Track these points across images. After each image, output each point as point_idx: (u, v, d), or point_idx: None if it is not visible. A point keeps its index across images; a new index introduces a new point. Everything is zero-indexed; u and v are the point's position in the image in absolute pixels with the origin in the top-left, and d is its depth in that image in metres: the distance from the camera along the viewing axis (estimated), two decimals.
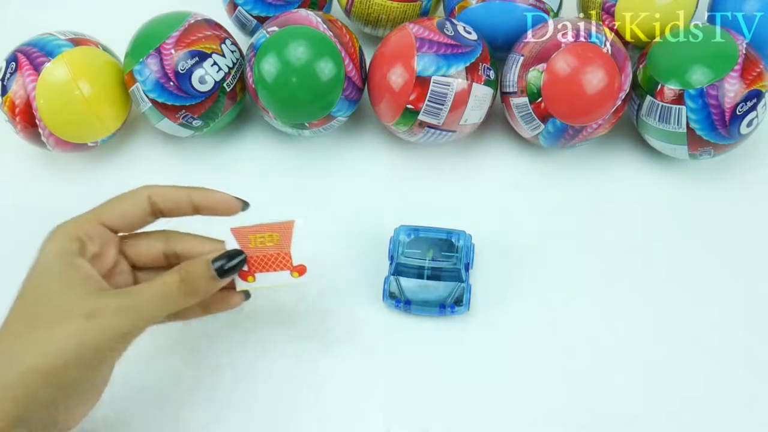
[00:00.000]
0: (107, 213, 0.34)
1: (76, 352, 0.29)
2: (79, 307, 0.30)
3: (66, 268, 0.31)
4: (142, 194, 0.34)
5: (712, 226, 0.44)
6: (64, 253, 0.31)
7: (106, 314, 0.30)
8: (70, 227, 0.32)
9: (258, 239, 0.35)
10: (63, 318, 0.30)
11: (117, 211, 0.34)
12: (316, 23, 0.43)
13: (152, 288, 0.32)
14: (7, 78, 0.43)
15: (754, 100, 0.41)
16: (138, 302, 0.31)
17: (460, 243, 0.40)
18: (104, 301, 0.30)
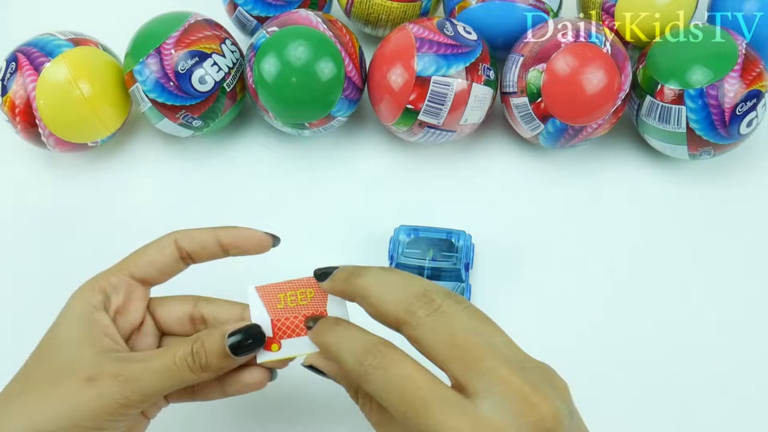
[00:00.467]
0: (135, 262, 0.32)
1: (71, 418, 0.27)
2: (82, 369, 0.28)
3: (84, 323, 0.30)
4: (168, 239, 0.32)
5: (712, 226, 0.44)
6: (85, 305, 0.30)
7: (104, 381, 0.28)
8: (97, 279, 0.31)
9: (289, 297, 0.30)
10: (63, 379, 0.28)
11: (144, 260, 0.32)
12: (316, 23, 0.43)
13: (159, 358, 0.29)
14: (7, 78, 0.43)
15: (753, 100, 0.41)
16: (140, 372, 0.28)
17: (460, 243, 0.40)
18: (106, 366, 0.28)
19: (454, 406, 0.23)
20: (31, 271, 0.44)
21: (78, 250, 0.44)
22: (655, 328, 0.40)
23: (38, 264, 0.44)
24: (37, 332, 0.41)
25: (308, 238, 0.43)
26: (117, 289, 0.31)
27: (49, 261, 0.44)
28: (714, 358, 0.39)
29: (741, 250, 0.43)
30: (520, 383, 0.23)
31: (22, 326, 0.41)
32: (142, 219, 0.45)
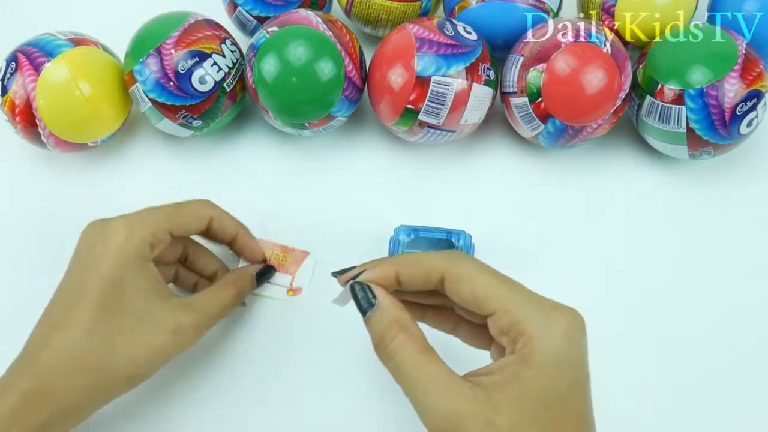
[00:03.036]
0: (175, 223, 0.36)
1: (158, 362, 0.33)
2: (166, 322, 0.33)
3: (144, 272, 0.34)
4: (206, 214, 0.38)
5: (712, 226, 0.44)
6: (140, 255, 0.34)
7: (187, 331, 0.34)
8: (146, 230, 0.34)
9: (273, 255, 0.42)
10: (152, 332, 0.33)
11: (183, 224, 0.36)
12: (316, 23, 0.43)
13: (216, 302, 0.36)
14: (7, 78, 0.43)
15: (753, 100, 0.41)
16: (208, 317, 0.36)
17: (460, 243, 0.40)
18: (185, 318, 0.34)
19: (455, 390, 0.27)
20: (31, 270, 0.44)
21: None
22: (655, 328, 0.40)
23: (38, 264, 0.44)
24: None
25: (308, 238, 0.43)
26: (160, 242, 0.35)
27: (49, 261, 0.44)
28: (714, 358, 0.39)
29: (741, 250, 0.43)
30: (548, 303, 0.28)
31: (22, 326, 0.41)
32: None
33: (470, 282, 0.28)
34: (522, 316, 0.27)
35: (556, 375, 0.26)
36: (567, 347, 0.27)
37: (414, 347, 0.28)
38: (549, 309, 0.28)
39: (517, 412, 0.26)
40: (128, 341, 0.32)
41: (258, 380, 0.39)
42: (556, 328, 0.27)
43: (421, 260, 0.29)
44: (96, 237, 0.34)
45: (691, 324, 0.40)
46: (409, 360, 0.27)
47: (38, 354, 0.32)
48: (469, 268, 0.29)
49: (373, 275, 0.30)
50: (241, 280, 0.39)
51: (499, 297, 0.28)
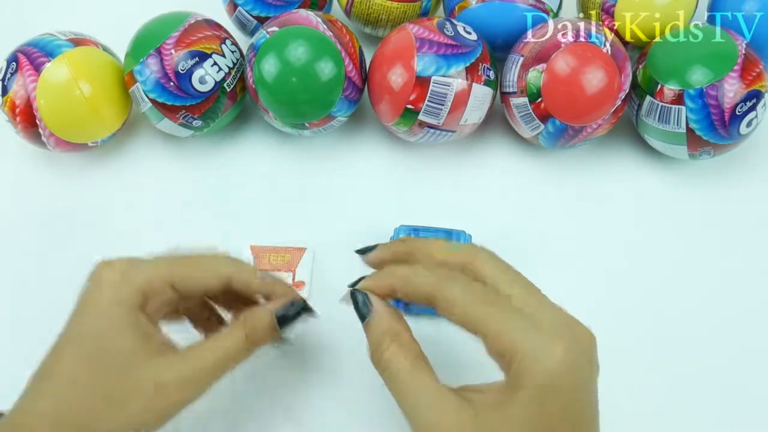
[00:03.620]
0: (182, 279, 0.31)
1: (144, 423, 0.30)
2: (147, 383, 0.29)
3: (130, 329, 0.30)
4: (222, 272, 0.32)
5: (712, 226, 0.44)
6: (129, 309, 0.30)
7: (173, 389, 0.30)
8: (140, 280, 0.30)
9: (271, 258, 0.42)
10: (132, 394, 0.29)
11: (192, 280, 0.32)
12: (316, 23, 0.43)
13: (217, 351, 0.31)
14: (7, 78, 0.43)
15: (753, 100, 0.41)
16: (202, 370, 0.30)
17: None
18: (171, 371, 0.30)
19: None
20: (31, 270, 0.44)
21: (78, 250, 0.44)
22: (655, 328, 0.40)
23: (38, 264, 0.44)
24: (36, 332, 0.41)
25: (308, 238, 0.43)
26: (156, 293, 0.31)
27: (49, 261, 0.44)
28: (713, 358, 0.39)
29: (741, 249, 0.43)
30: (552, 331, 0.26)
31: (22, 326, 0.41)
32: (142, 219, 0.45)
33: (462, 306, 0.27)
34: (513, 342, 0.26)
35: (546, 404, 0.26)
36: (561, 375, 0.26)
37: (405, 358, 0.28)
38: (546, 333, 0.26)
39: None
40: (109, 403, 0.29)
41: (261, 379, 0.39)
42: (551, 354, 0.26)
43: (412, 280, 0.29)
44: (93, 282, 0.31)
45: (691, 324, 0.40)
46: (400, 371, 0.28)
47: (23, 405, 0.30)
48: (460, 290, 0.28)
49: (371, 283, 0.30)
50: (254, 319, 0.32)
51: (491, 322, 0.27)
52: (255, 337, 0.31)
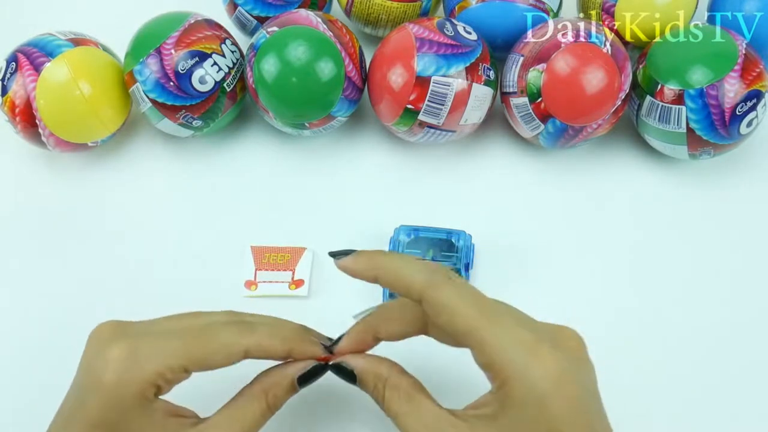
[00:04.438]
0: (196, 359, 0.29)
1: None
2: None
3: (146, 413, 0.28)
4: (240, 347, 0.29)
5: (712, 226, 0.44)
6: (140, 397, 0.27)
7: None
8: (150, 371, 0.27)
9: (271, 257, 0.42)
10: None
11: (205, 360, 0.29)
12: (316, 23, 0.43)
13: (239, 425, 0.29)
14: (7, 78, 0.43)
15: (753, 100, 0.41)
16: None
17: (460, 243, 0.40)
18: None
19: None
20: (31, 271, 0.44)
21: (78, 250, 0.44)
22: (655, 328, 0.40)
23: (38, 264, 0.44)
24: (37, 332, 0.41)
25: (308, 238, 0.43)
26: (170, 382, 0.28)
27: (49, 261, 0.44)
28: (714, 358, 0.39)
29: (741, 249, 0.43)
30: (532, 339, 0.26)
31: (22, 326, 0.41)
32: (142, 219, 0.45)
33: (449, 314, 0.27)
34: (500, 357, 0.26)
35: (540, 416, 0.25)
36: (551, 390, 0.25)
37: (399, 398, 0.29)
38: (534, 347, 0.26)
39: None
40: None
41: None
42: (539, 369, 0.25)
43: (400, 276, 0.28)
44: (95, 356, 0.28)
45: (691, 324, 0.40)
46: (397, 412, 0.28)
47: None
48: (449, 295, 0.27)
49: (346, 344, 0.31)
50: (274, 386, 0.30)
51: (478, 333, 0.26)
52: (275, 405, 0.31)
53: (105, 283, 0.43)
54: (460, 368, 0.32)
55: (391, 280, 0.29)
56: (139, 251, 0.44)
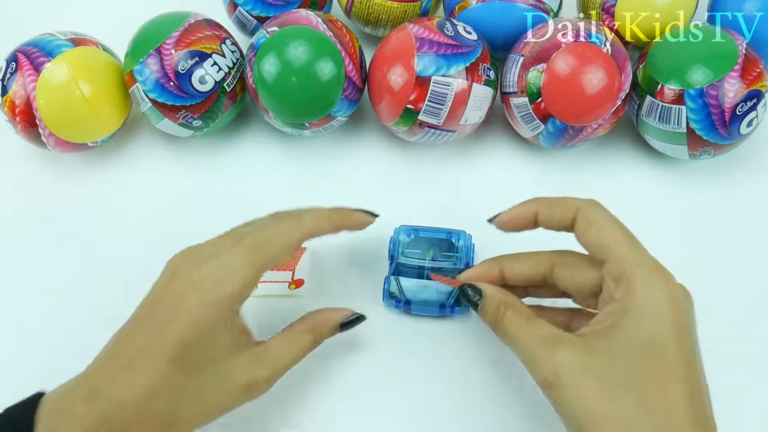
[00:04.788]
0: (264, 266, 0.32)
1: (228, 411, 0.32)
2: (240, 380, 0.32)
3: (223, 331, 0.31)
4: (297, 240, 0.34)
5: (712, 226, 0.44)
6: (223, 315, 0.31)
7: (260, 386, 0.32)
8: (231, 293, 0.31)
9: None
10: (225, 388, 0.31)
11: (272, 264, 0.33)
12: (316, 23, 0.43)
13: (291, 353, 0.34)
14: (7, 78, 0.43)
15: (754, 100, 0.41)
16: (281, 368, 0.33)
17: (460, 243, 0.40)
18: (259, 373, 0.32)
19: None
20: (31, 271, 0.44)
21: (78, 250, 0.44)
22: None
23: (38, 264, 0.44)
24: (37, 332, 0.41)
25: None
26: (247, 294, 0.32)
27: (49, 261, 0.44)
28: (714, 358, 0.39)
29: (741, 249, 0.43)
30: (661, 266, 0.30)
31: (22, 326, 0.41)
32: (142, 219, 0.45)
33: (598, 229, 0.31)
34: (632, 269, 0.29)
35: (656, 327, 0.28)
36: (670, 307, 0.28)
37: (519, 318, 0.32)
38: (662, 271, 0.29)
39: (612, 357, 0.28)
40: (196, 400, 0.30)
41: None
42: (663, 287, 0.29)
43: (559, 200, 0.33)
44: (173, 284, 0.31)
45: None
46: (516, 329, 0.31)
47: (102, 392, 0.29)
48: (599, 215, 0.31)
49: (475, 273, 0.35)
50: (321, 326, 0.36)
51: (618, 248, 0.30)
52: (319, 341, 0.36)
53: (105, 282, 0.43)
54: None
55: (548, 205, 0.33)
56: (139, 251, 0.44)
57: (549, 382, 0.29)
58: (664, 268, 0.30)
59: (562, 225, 0.33)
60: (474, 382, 0.39)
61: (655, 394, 0.27)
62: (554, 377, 0.28)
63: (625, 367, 0.27)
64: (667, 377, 0.27)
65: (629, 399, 0.27)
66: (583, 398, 0.27)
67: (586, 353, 0.28)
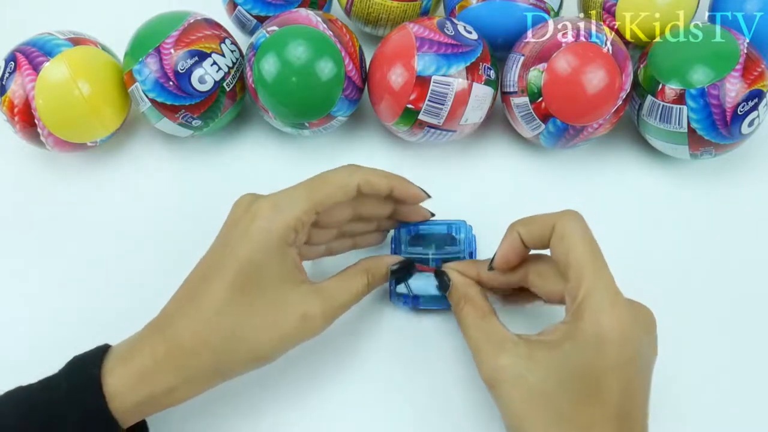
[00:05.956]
0: (323, 203, 0.35)
1: (284, 346, 0.34)
2: (295, 308, 0.33)
3: (281, 258, 0.33)
4: (352, 183, 0.35)
5: (713, 226, 0.44)
6: (282, 243, 0.33)
7: (315, 319, 0.34)
8: (290, 218, 0.33)
9: None
10: (280, 316, 0.33)
11: (328, 199, 0.35)
12: (316, 23, 0.43)
13: (346, 291, 0.35)
14: (6, 78, 0.43)
15: (755, 99, 0.41)
16: (336, 305, 0.35)
17: (461, 236, 0.40)
18: (315, 305, 0.34)
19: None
20: (31, 271, 0.44)
21: (78, 250, 0.44)
22: None
23: (38, 264, 0.44)
24: (36, 332, 0.41)
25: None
26: (305, 225, 0.34)
27: (48, 261, 0.44)
28: (713, 358, 0.39)
29: (742, 250, 0.43)
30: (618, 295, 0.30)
31: (22, 326, 0.41)
32: (141, 219, 0.45)
33: (566, 246, 0.31)
34: (585, 296, 0.30)
35: (594, 357, 0.29)
36: (615, 339, 0.29)
37: (475, 314, 0.34)
38: (618, 300, 0.30)
39: (549, 374, 0.30)
40: (255, 324, 0.32)
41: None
42: (613, 319, 0.29)
43: (535, 218, 0.34)
44: (242, 214, 0.34)
45: (691, 324, 0.40)
46: (470, 324, 0.34)
47: (172, 323, 0.32)
48: (573, 230, 0.32)
49: (457, 266, 0.37)
50: (374, 268, 0.37)
51: (579, 271, 0.30)
52: (373, 284, 0.37)
53: (105, 282, 0.43)
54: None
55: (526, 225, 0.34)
56: (139, 251, 0.44)
57: (489, 383, 0.31)
58: (618, 297, 0.30)
59: (543, 243, 0.33)
60: (475, 382, 0.39)
61: (579, 414, 0.29)
62: (493, 380, 0.31)
63: (558, 385, 0.29)
64: (595, 401, 0.29)
65: (552, 414, 0.29)
66: (513, 403, 0.30)
67: (527, 361, 0.30)
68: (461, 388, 0.38)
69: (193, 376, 0.32)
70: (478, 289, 0.36)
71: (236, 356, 0.32)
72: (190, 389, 0.32)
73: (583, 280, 0.30)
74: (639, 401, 0.30)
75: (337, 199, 0.35)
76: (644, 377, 0.30)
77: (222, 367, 0.32)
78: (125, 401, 0.30)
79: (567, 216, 0.32)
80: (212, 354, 0.32)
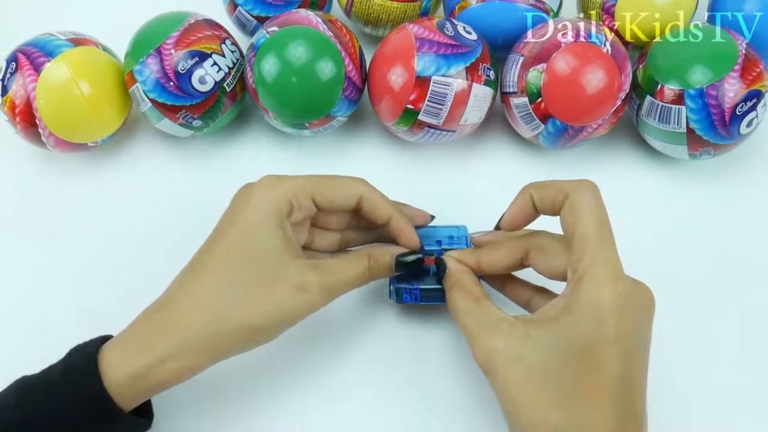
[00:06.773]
0: (322, 193, 0.35)
1: (280, 318, 0.33)
2: (291, 277, 0.33)
3: (278, 229, 0.33)
4: (355, 191, 0.36)
5: (712, 226, 0.44)
6: (278, 212, 0.34)
7: (312, 290, 0.33)
8: (288, 189, 0.34)
9: None
10: (276, 284, 0.33)
11: (330, 195, 0.35)
12: (316, 23, 0.43)
13: (347, 270, 0.35)
14: (7, 78, 0.43)
15: (754, 100, 0.41)
16: (336, 282, 0.34)
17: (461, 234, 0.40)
18: (311, 276, 0.33)
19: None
20: (31, 271, 0.44)
21: (78, 250, 0.44)
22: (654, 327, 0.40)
23: (38, 264, 0.44)
24: (36, 332, 0.41)
25: None
26: (301, 206, 0.35)
27: (48, 261, 0.44)
28: (712, 359, 0.39)
29: (741, 250, 0.43)
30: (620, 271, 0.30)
31: (22, 326, 0.41)
32: (142, 219, 0.45)
33: (575, 217, 0.31)
34: (586, 269, 0.29)
35: (593, 330, 0.28)
36: (613, 312, 0.28)
37: (468, 299, 0.33)
38: (618, 275, 0.29)
39: (547, 349, 0.29)
40: (251, 293, 0.32)
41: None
42: (612, 293, 0.29)
43: (550, 183, 0.33)
44: (240, 193, 0.35)
45: (691, 324, 0.40)
46: (462, 310, 0.33)
47: (169, 292, 0.33)
48: (584, 201, 0.31)
49: (456, 254, 0.36)
50: (377, 254, 0.36)
51: (583, 243, 0.30)
52: (375, 271, 0.36)
53: (105, 282, 0.43)
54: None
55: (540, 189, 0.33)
56: (139, 251, 0.44)
57: (484, 367, 0.31)
58: (619, 271, 0.30)
59: (555, 209, 0.32)
60: (476, 382, 0.39)
61: (579, 388, 0.28)
62: (488, 363, 0.30)
63: (557, 362, 0.29)
64: (595, 375, 0.28)
65: (552, 391, 0.29)
66: (510, 385, 0.29)
67: (524, 341, 0.30)
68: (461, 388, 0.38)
69: (186, 345, 0.31)
70: (472, 276, 0.35)
71: (230, 325, 0.32)
72: (183, 360, 0.31)
73: (585, 252, 0.30)
74: (638, 376, 0.29)
75: (337, 198, 0.35)
76: (642, 354, 0.30)
77: (216, 339, 0.32)
78: (120, 374, 0.30)
79: (582, 186, 0.32)
80: (208, 320, 0.32)
